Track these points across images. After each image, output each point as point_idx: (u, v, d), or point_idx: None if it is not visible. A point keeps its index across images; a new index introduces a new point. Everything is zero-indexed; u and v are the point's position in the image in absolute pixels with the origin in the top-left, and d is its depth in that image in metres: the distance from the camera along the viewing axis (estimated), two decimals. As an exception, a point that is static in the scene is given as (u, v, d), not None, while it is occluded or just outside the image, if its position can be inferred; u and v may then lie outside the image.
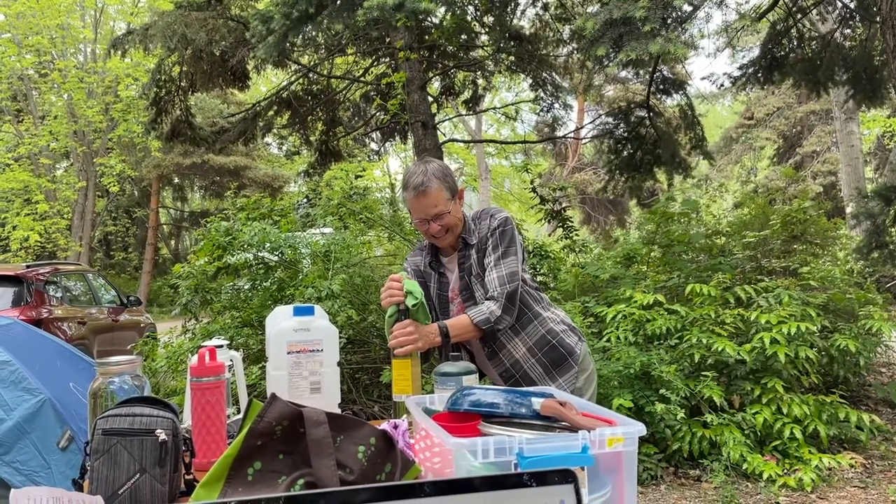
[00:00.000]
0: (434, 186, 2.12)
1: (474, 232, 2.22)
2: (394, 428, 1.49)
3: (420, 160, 2.25)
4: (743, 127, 20.06)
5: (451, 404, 1.42)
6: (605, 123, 9.51)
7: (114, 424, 1.27)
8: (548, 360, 2.21)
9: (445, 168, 2.20)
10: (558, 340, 2.22)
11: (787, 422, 4.21)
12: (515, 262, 2.14)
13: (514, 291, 2.11)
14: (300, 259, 5.47)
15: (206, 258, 5.37)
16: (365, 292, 5.23)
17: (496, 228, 2.17)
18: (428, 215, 2.14)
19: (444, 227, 2.16)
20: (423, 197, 2.12)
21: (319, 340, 1.86)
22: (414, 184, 2.13)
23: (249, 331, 4.98)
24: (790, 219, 5.91)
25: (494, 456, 1.15)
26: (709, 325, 4.63)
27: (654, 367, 4.29)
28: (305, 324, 1.86)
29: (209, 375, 1.52)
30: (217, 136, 9.94)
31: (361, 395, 4.97)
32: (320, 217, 5.90)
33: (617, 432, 1.20)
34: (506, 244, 2.15)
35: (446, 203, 2.14)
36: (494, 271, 2.13)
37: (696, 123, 8.34)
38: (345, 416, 1.22)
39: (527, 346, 2.20)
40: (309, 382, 1.84)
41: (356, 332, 5.07)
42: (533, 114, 17.48)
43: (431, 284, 2.31)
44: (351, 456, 1.18)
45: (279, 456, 1.18)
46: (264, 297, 5.20)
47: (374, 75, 10.29)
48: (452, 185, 2.18)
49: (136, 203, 23.96)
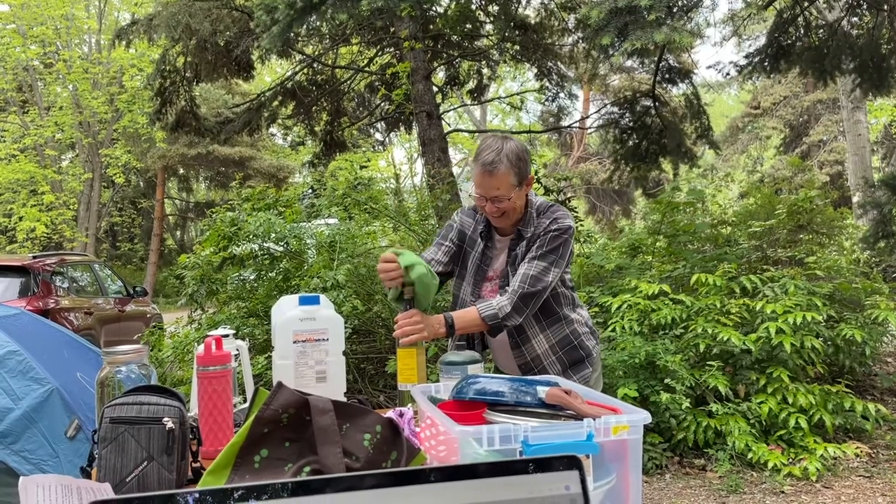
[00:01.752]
0: (502, 169, 2.04)
1: (533, 225, 2.16)
2: (399, 416, 1.50)
3: (499, 136, 2.15)
4: (749, 116, 19.96)
5: (456, 393, 1.43)
6: (611, 113, 9.48)
7: (121, 413, 1.28)
8: (567, 359, 2.22)
9: (522, 151, 2.10)
10: (579, 342, 2.23)
11: (792, 411, 4.21)
12: (547, 270, 2.08)
13: (532, 295, 2.07)
14: (305, 249, 5.47)
15: (212, 249, 5.38)
16: (370, 282, 5.24)
17: (552, 231, 2.11)
18: (488, 195, 2.08)
19: (500, 210, 2.11)
20: (489, 176, 2.06)
21: (325, 329, 1.87)
22: (484, 160, 2.06)
23: (255, 321, 5.00)
24: (796, 208, 5.88)
25: (500, 444, 1.16)
26: (714, 314, 4.62)
27: (659, 356, 4.29)
28: (311, 313, 1.87)
29: (215, 364, 1.53)
30: (222, 127, 9.95)
31: (367, 384, 4.98)
32: (325, 207, 5.90)
33: (622, 420, 1.21)
34: (550, 248, 2.10)
35: (510, 188, 2.07)
36: (523, 267, 2.10)
37: (701, 113, 8.31)
38: (350, 404, 1.23)
39: (550, 344, 2.20)
40: (315, 371, 1.85)
41: (361, 322, 5.07)
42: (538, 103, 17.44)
43: (473, 251, 2.26)
44: (357, 443, 1.19)
45: (285, 444, 1.19)
46: (270, 288, 5.21)
47: (379, 65, 10.27)
48: (524, 171, 2.09)
49: (142, 194, 24.01)
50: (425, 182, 7.96)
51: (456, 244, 2.30)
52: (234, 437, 1.18)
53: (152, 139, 18.34)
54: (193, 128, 9.50)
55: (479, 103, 14.71)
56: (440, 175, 7.36)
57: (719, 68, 8.93)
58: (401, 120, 10.60)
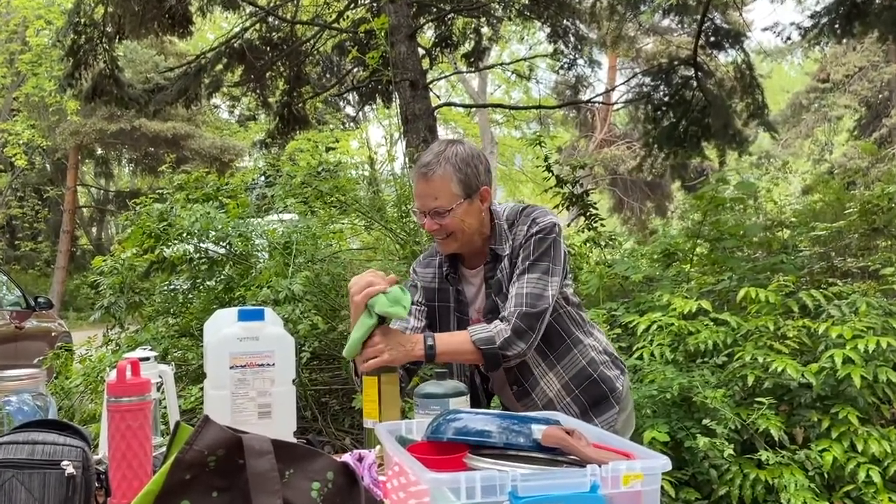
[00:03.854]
0: (440, 173, 2.05)
1: (508, 240, 2.16)
2: (358, 461, 1.51)
3: (449, 140, 2.20)
4: (815, 91, 20.11)
5: (431, 432, 1.44)
6: (643, 85, 9.54)
7: (9, 454, 1.28)
8: (586, 398, 2.23)
9: (472, 157, 2.10)
10: (599, 374, 2.24)
11: (862, 461, 4.23)
12: (545, 282, 2.09)
13: (535, 315, 2.06)
14: (254, 252, 5.47)
15: (135, 250, 5.38)
16: (335, 294, 5.24)
17: (534, 235, 2.12)
18: (425, 207, 2.08)
19: (442, 228, 2.09)
20: (424, 181, 2.07)
21: (270, 352, 1.87)
22: (421, 161, 2.10)
23: (189, 342, 4.98)
24: (871, 207, 5.92)
25: (482, 496, 1.16)
26: (766, 339, 4.64)
27: (696, 391, 4.31)
28: (253, 331, 1.87)
29: (131, 395, 1.53)
30: (151, 96, 9.93)
31: (329, 423, 4.99)
32: (280, 199, 5.90)
33: (634, 467, 1.22)
34: (538, 255, 2.11)
35: (452, 199, 2.06)
36: (514, 288, 2.10)
37: (755, 86, 8.38)
38: (296, 444, 1.24)
39: (562, 382, 2.22)
40: (257, 405, 1.85)
41: (323, 344, 5.08)
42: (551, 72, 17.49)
43: (449, 304, 2.27)
44: (302, 494, 1.20)
45: (213, 493, 1.20)
46: (208, 300, 5.20)
47: (351, 21, 10.29)
48: (472, 180, 2.08)
49: (49, 180, 23.93)
50: (407, 169, 7.99)
51: (426, 304, 2.31)
52: (148, 485, 1.19)
53: (62, 111, 18.28)
54: (115, 97, 9.47)
55: (477, 71, 14.76)
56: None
57: (778, 31, 8.98)
58: (377, 90, 10.63)
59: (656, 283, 5.63)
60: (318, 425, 4.88)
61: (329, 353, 5.20)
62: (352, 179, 6.65)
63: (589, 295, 5.72)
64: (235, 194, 6.10)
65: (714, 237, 6.02)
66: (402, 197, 6.44)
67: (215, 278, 5.35)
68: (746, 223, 6.08)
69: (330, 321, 5.06)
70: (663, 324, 4.81)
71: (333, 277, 5.26)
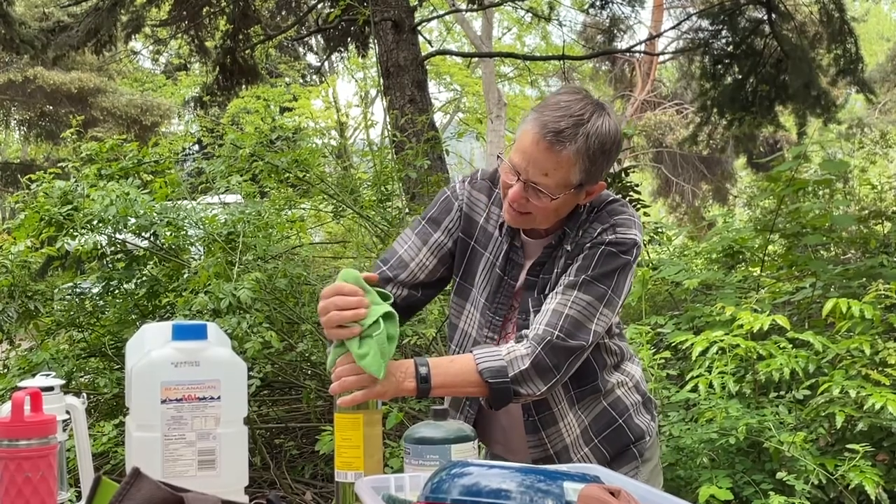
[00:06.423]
0: (569, 152, 2.00)
1: (578, 225, 2.16)
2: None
3: (593, 99, 2.11)
4: (925, 40, 20.16)
5: (431, 491, 1.43)
6: (698, 30, 9.57)
7: None
8: (607, 447, 2.25)
9: (612, 141, 2.07)
10: (626, 420, 2.26)
11: (984, 528, 4.26)
12: (594, 310, 2.06)
13: (568, 351, 2.03)
14: (186, 246, 5.46)
15: (30, 241, 5.36)
16: (294, 302, 5.23)
17: (606, 244, 2.10)
18: (528, 175, 2.03)
19: (525, 206, 2.07)
20: (547, 150, 2.01)
21: (215, 382, 1.87)
22: (552, 117, 2.01)
23: (100, 363, 4.97)
24: None
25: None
26: (860, 367, 4.66)
27: (768, 434, 4.32)
28: (192, 353, 1.86)
29: (30, 437, 1.53)
30: (50, 38, 9.91)
31: (285, 472, 4.99)
32: (221, 176, 5.90)
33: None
34: (601, 273, 2.08)
35: (563, 186, 2.03)
36: (555, 300, 2.07)
37: (847, 33, 8.39)
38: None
39: (583, 427, 2.23)
40: (197, 451, 1.85)
41: (277, 368, 5.08)
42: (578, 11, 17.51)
43: (487, 253, 2.24)
44: (263, 573, 1.19)
45: (145, 572, 1.19)
46: (125, 308, 5.20)
47: (315, -59, 10.29)
48: (597, 172, 2.08)
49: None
50: (388, 137, 7.98)
51: (454, 236, 2.28)
52: (59, 560, 1.19)
53: (-67, 56, 18.27)
54: (2, 38, 9.45)
55: (480, 9, 14.76)
56: (414, 125, 7.36)
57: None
58: (349, 33, 10.62)
59: (716, 292, 5.64)
60: (269, 475, 4.88)
61: (285, 379, 5.20)
62: (315, 151, 6.64)
63: (628, 306, 5.72)
64: (162, 170, 6.09)
65: (792, 232, 6.03)
66: (381, 174, 6.43)
67: (135, 280, 5.34)
68: (834, 213, 6.09)
69: (286, 338, 5.06)
70: (725, 346, 4.82)
71: (291, 280, 5.26)
